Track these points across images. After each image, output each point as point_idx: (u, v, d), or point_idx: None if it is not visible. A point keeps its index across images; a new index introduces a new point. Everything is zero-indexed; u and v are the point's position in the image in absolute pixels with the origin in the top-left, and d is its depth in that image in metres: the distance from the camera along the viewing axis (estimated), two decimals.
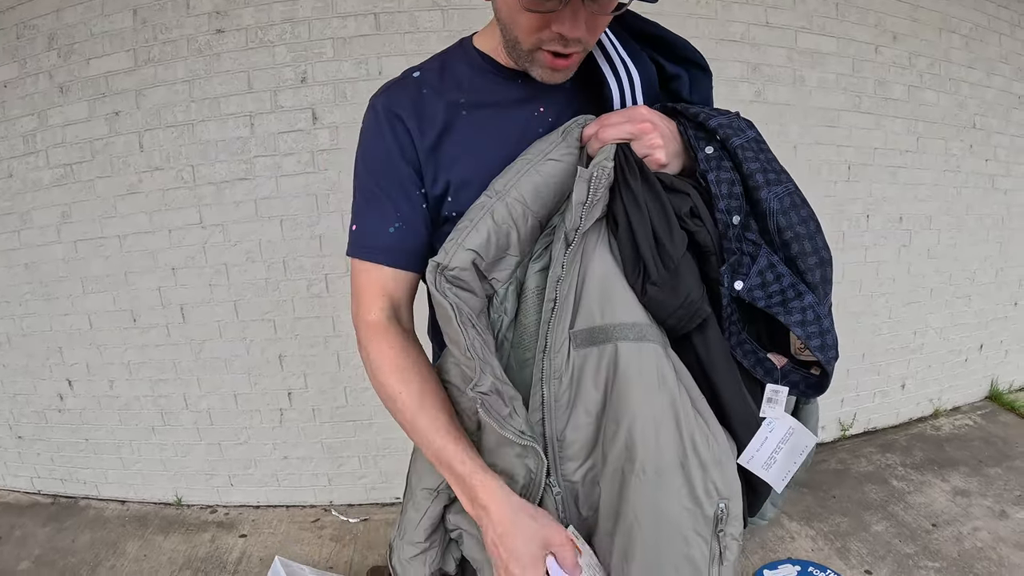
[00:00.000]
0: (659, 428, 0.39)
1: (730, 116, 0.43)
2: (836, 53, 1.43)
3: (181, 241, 1.34)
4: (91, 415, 1.51)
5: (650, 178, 0.41)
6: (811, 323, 0.40)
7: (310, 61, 1.24)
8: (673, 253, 0.40)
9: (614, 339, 0.40)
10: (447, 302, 0.39)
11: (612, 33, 0.45)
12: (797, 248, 0.40)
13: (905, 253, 1.62)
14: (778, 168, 0.42)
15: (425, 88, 0.47)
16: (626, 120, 0.42)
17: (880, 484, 1.50)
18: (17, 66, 1.37)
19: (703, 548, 0.41)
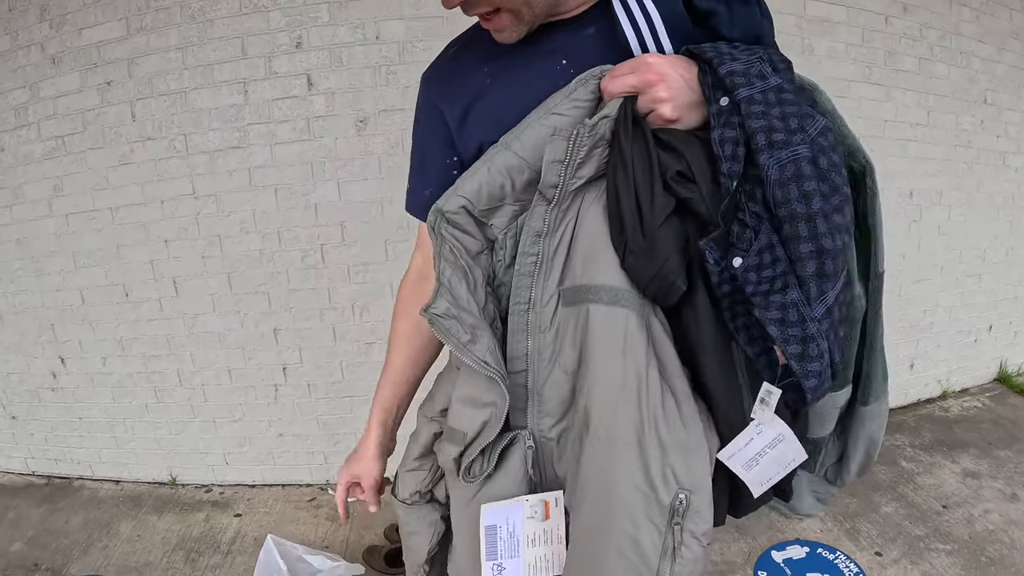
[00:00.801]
0: (618, 397, 0.38)
1: (752, 59, 0.37)
2: (846, 22, 1.38)
3: (174, 212, 1.30)
4: (84, 393, 1.48)
5: (645, 140, 0.37)
6: (792, 325, 0.34)
7: (305, 26, 1.20)
8: (650, 220, 0.37)
9: (588, 300, 0.39)
10: (435, 235, 0.41)
11: None
12: (789, 230, 0.34)
13: (916, 229, 1.57)
14: (795, 126, 0.35)
15: (459, 64, 0.50)
16: (631, 71, 0.38)
17: (889, 465, 1.46)
18: (9, 39, 1.33)
19: (654, 537, 0.38)
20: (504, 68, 0.46)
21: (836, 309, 0.36)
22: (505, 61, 0.46)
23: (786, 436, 0.39)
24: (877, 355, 0.46)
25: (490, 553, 0.41)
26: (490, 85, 0.45)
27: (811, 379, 0.35)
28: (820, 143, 0.35)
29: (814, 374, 0.35)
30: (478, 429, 0.42)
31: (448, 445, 0.45)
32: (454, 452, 0.44)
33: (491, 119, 0.44)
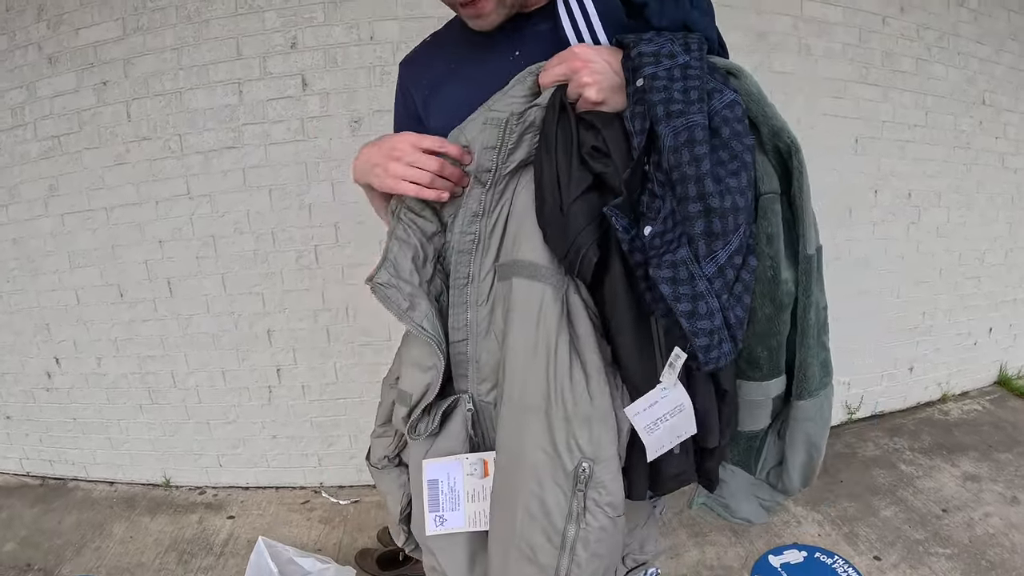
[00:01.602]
0: (527, 365, 0.41)
1: (665, 41, 0.39)
2: (843, 23, 1.37)
3: (168, 213, 1.29)
4: (79, 393, 1.47)
5: (568, 118, 0.40)
6: (683, 283, 0.35)
7: (300, 26, 1.20)
8: (565, 196, 0.39)
9: (512, 275, 0.42)
10: (394, 220, 0.44)
11: None
12: (680, 191, 0.35)
13: (914, 230, 1.56)
14: (694, 98, 0.36)
15: (428, 51, 0.54)
16: (560, 62, 0.41)
17: (888, 468, 1.44)
18: (6, 38, 1.33)
19: (559, 498, 0.40)
20: (465, 61, 0.49)
21: (729, 270, 0.36)
22: (466, 54, 0.50)
23: (686, 407, 0.40)
24: (811, 344, 0.45)
25: (432, 505, 0.44)
26: (451, 77, 0.49)
27: (701, 337, 0.35)
28: (724, 114, 0.36)
29: (704, 332, 0.35)
30: (422, 391, 0.46)
31: (399, 406, 0.49)
32: (403, 412, 0.47)
33: (449, 109, 0.47)
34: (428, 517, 0.45)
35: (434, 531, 0.45)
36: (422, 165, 0.44)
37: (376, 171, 0.46)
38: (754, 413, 0.47)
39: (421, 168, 0.44)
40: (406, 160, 0.44)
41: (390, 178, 0.45)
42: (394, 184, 0.44)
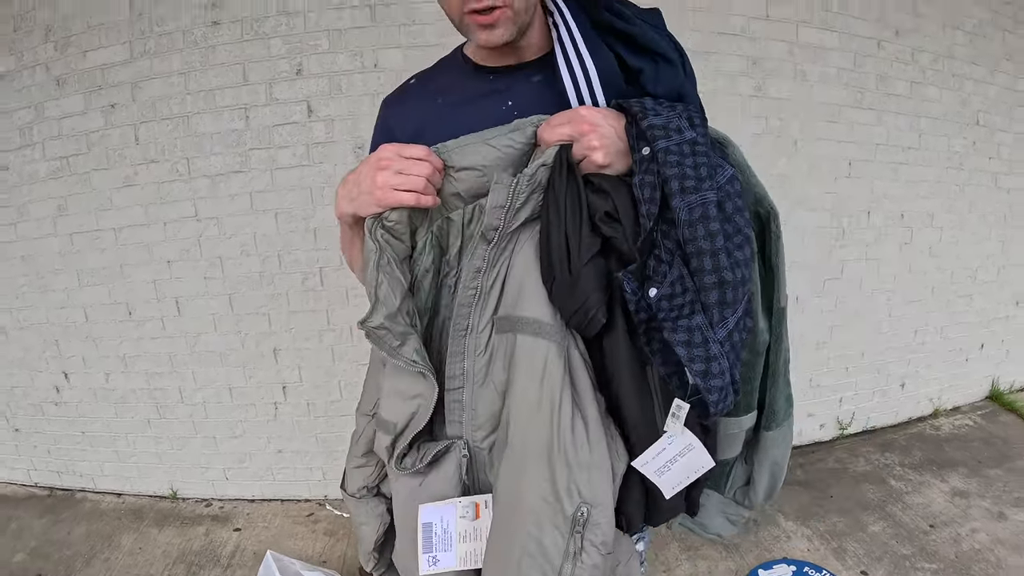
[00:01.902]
0: (531, 418, 0.43)
1: (672, 115, 0.42)
2: (838, 48, 1.41)
3: (176, 234, 1.34)
4: (87, 408, 1.52)
5: (576, 181, 0.42)
6: (697, 346, 0.39)
7: (305, 53, 1.24)
8: (577, 258, 0.41)
9: (515, 330, 0.44)
10: (375, 245, 0.44)
11: (575, 26, 0.46)
12: (696, 264, 0.39)
13: (907, 250, 1.61)
14: (704, 175, 0.40)
15: (416, 92, 0.54)
16: (567, 121, 0.43)
17: (878, 484, 1.50)
18: (14, 59, 1.37)
19: (557, 540, 0.43)
20: (457, 102, 0.50)
21: (736, 334, 0.40)
22: (458, 96, 0.51)
23: (695, 446, 0.44)
24: (780, 383, 0.51)
25: (426, 547, 0.47)
26: (441, 115, 0.50)
27: (713, 393, 0.39)
28: (727, 189, 0.41)
29: (716, 389, 0.39)
30: (407, 419, 0.47)
31: (381, 434, 0.50)
32: (386, 441, 0.49)
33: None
34: (422, 558, 0.47)
35: (427, 571, 0.47)
36: (413, 171, 0.43)
37: (364, 189, 0.44)
38: (731, 444, 0.53)
39: (413, 175, 0.43)
40: (395, 168, 0.43)
41: (380, 190, 0.43)
42: (385, 196, 0.43)
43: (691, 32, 1.29)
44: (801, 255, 1.48)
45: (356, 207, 0.46)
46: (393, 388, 0.49)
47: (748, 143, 1.37)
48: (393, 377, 0.49)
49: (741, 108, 1.35)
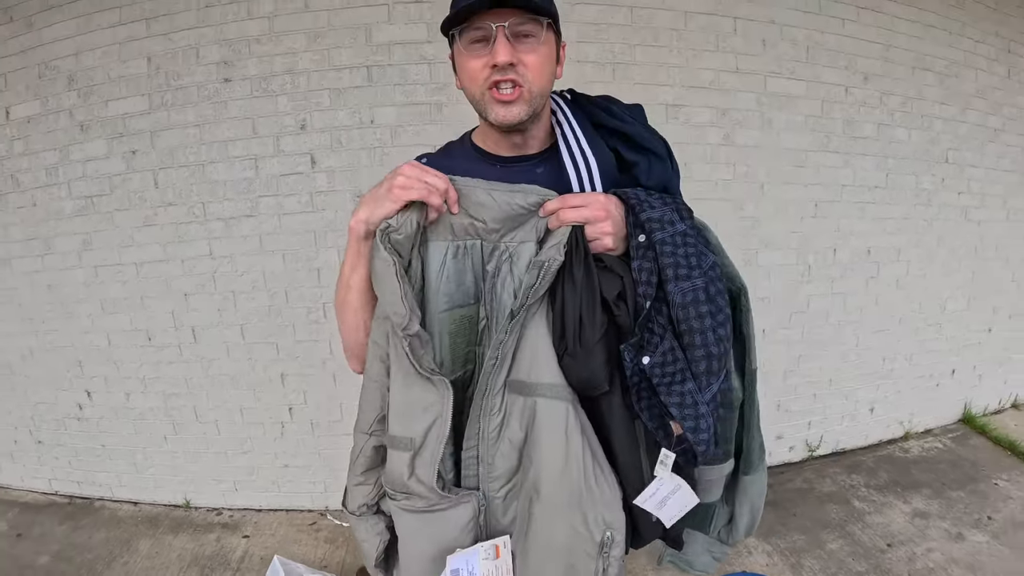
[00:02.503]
0: (562, 474, 0.52)
1: (665, 208, 0.51)
2: (805, 96, 1.58)
3: (193, 270, 1.55)
4: (108, 424, 1.75)
5: (590, 266, 0.50)
6: (688, 407, 0.49)
7: (309, 110, 1.44)
8: (589, 337, 0.49)
9: (535, 395, 0.52)
10: (389, 255, 0.49)
11: (578, 127, 0.57)
12: (688, 340, 0.49)
13: (873, 284, 1.78)
14: (694, 263, 0.49)
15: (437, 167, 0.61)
16: (584, 205, 0.51)
17: (841, 504, 1.66)
18: (39, 103, 1.58)
19: (588, 564, 0.54)
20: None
21: (719, 395, 0.51)
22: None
23: (682, 486, 0.54)
24: (754, 433, 0.62)
25: None
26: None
27: (701, 445, 0.50)
28: (710, 275, 0.51)
29: (703, 441, 0.49)
30: (424, 433, 0.52)
31: (398, 452, 0.54)
32: (404, 459, 0.53)
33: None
34: None
35: None
36: (431, 182, 0.50)
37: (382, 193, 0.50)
38: (712, 489, 0.62)
39: (429, 182, 0.49)
40: (413, 175, 0.50)
41: (398, 189, 0.49)
42: (400, 193, 0.49)
43: (663, 87, 1.48)
44: (768, 290, 1.66)
45: (372, 207, 0.51)
46: (405, 402, 0.52)
47: (717, 188, 1.56)
48: (404, 391, 0.52)
49: (711, 156, 1.53)
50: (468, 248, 0.55)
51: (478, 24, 0.51)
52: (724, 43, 1.50)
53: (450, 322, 0.55)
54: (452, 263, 0.54)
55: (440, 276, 0.54)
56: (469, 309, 0.56)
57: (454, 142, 0.65)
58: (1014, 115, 1.89)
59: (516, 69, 0.51)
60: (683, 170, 0.59)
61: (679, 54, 1.48)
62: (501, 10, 0.50)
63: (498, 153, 0.60)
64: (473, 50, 0.53)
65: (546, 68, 0.54)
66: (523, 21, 0.51)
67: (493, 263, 0.55)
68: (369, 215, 0.52)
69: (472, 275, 0.56)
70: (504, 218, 0.53)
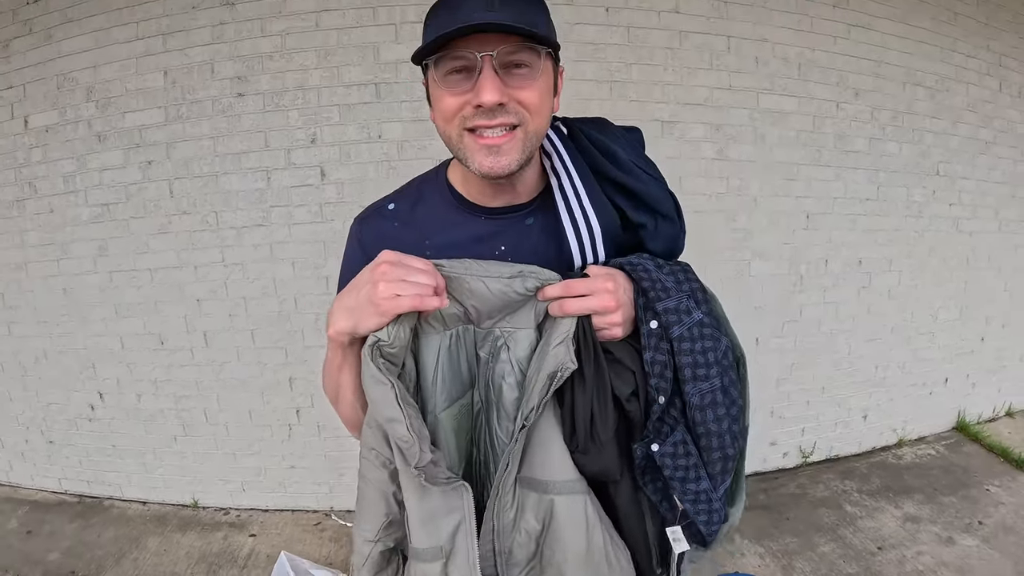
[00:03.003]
0: (585, 559, 0.50)
1: (681, 294, 0.47)
2: (797, 111, 1.69)
3: (205, 276, 1.66)
4: (119, 424, 1.86)
5: (601, 363, 0.47)
6: (702, 503, 0.48)
7: (319, 124, 1.56)
8: (602, 435, 0.47)
9: (551, 492, 0.49)
10: (385, 379, 0.43)
11: (578, 177, 0.50)
12: (705, 442, 0.47)
13: (865, 294, 1.88)
14: (712, 359, 0.46)
15: (396, 222, 0.54)
16: (589, 292, 0.45)
17: (834, 508, 1.75)
18: (57, 113, 1.70)
19: None
20: (444, 244, 0.51)
21: (729, 485, 0.50)
22: (442, 240, 0.52)
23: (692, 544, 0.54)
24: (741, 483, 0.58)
25: None
26: (428, 258, 0.49)
27: (712, 532, 0.50)
28: (724, 364, 0.48)
29: (715, 532, 0.51)
30: (451, 535, 0.49)
31: (425, 565, 0.50)
32: (436, 568, 0.49)
33: None
34: None
35: None
36: (417, 279, 0.43)
37: (363, 299, 0.43)
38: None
39: (418, 282, 0.43)
40: (396, 276, 0.43)
41: (384, 299, 0.42)
42: (389, 304, 0.42)
43: (659, 104, 1.59)
44: (760, 300, 1.76)
45: (356, 320, 0.44)
46: (426, 512, 0.49)
47: (711, 201, 1.66)
48: (422, 503, 0.49)
49: (705, 170, 1.64)
50: (461, 334, 0.51)
51: (458, 52, 0.43)
52: (718, 61, 1.61)
53: (451, 419, 0.51)
54: (447, 356, 0.50)
55: (436, 373, 0.50)
56: (466, 397, 0.53)
57: (427, 179, 0.57)
58: (1005, 128, 1.99)
59: (507, 107, 0.44)
60: (678, 184, 0.61)
61: (674, 72, 1.59)
62: (486, 35, 0.42)
63: (482, 203, 0.53)
64: (451, 83, 0.44)
65: (544, 105, 0.46)
66: (516, 49, 0.43)
67: (487, 348, 0.51)
68: (353, 329, 0.45)
69: (467, 361, 0.52)
70: (500, 306, 0.49)
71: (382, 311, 0.44)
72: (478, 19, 0.41)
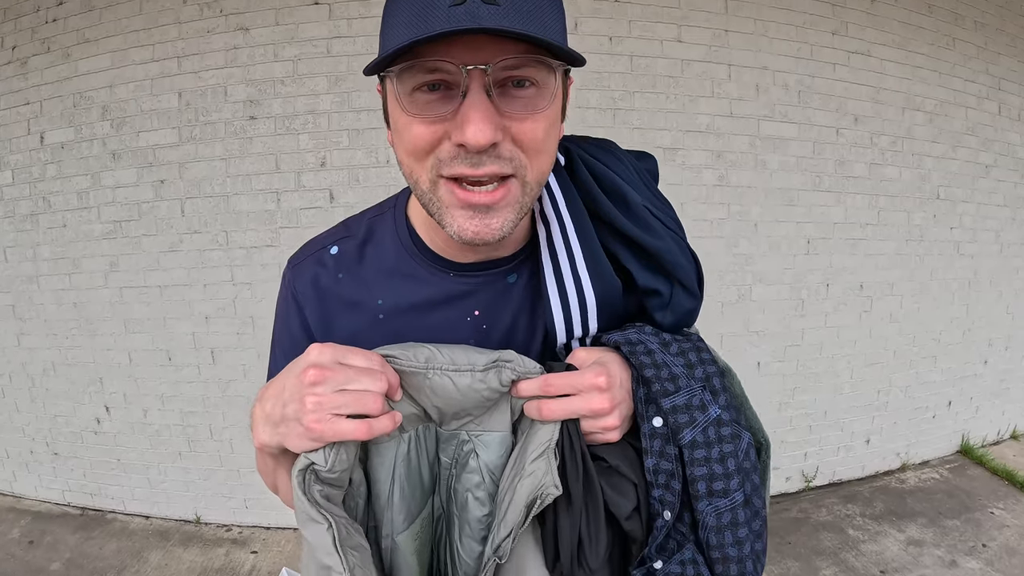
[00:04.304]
0: None
1: (693, 384, 0.37)
2: (797, 138, 1.73)
3: (215, 295, 1.71)
4: (124, 438, 1.89)
5: (591, 477, 0.37)
6: None
7: (329, 148, 1.61)
8: (592, 562, 0.38)
9: None
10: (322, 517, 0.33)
11: (574, 233, 0.39)
12: (722, 569, 0.37)
13: (866, 318, 1.90)
14: (732, 467, 0.37)
15: (342, 272, 0.43)
16: (574, 391, 0.36)
17: (836, 532, 1.75)
18: (73, 131, 1.76)
19: None
20: (403, 306, 0.41)
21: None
22: (406, 293, 0.41)
23: None
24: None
25: None
26: (374, 326, 0.40)
27: None
28: (745, 468, 0.38)
29: None
30: None
31: None
32: None
33: None
34: None
35: None
36: (361, 385, 0.32)
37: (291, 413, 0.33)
38: None
39: (361, 390, 0.32)
40: (333, 384, 0.32)
41: (315, 417, 0.32)
42: (323, 426, 0.32)
43: (661, 131, 1.63)
44: (762, 324, 1.79)
45: (282, 438, 0.34)
46: None
47: (712, 227, 1.70)
48: None
49: (706, 196, 1.67)
50: (421, 435, 0.41)
51: (434, 61, 0.30)
52: (719, 89, 1.66)
53: (411, 541, 0.42)
54: (404, 467, 0.40)
55: (392, 489, 0.40)
56: (426, 508, 0.43)
57: (382, 215, 0.45)
58: (1004, 151, 2.02)
59: (499, 149, 0.32)
60: (680, 211, 0.45)
61: (676, 100, 1.63)
62: (477, 38, 0.30)
63: (451, 256, 0.41)
64: (420, 104, 0.32)
65: (550, 142, 0.35)
66: (519, 62, 0.31)
67: (450, 452, 0.42)
68: (279, 446, 0.35)
69: (427, 466, 0.42)
70: (470, 406, 0.39)
71: (314, 436, 0.33)
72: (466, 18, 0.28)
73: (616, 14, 1.57)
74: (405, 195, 0.45)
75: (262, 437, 0.37)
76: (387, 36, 0.33)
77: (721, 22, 1.63)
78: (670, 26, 1.60)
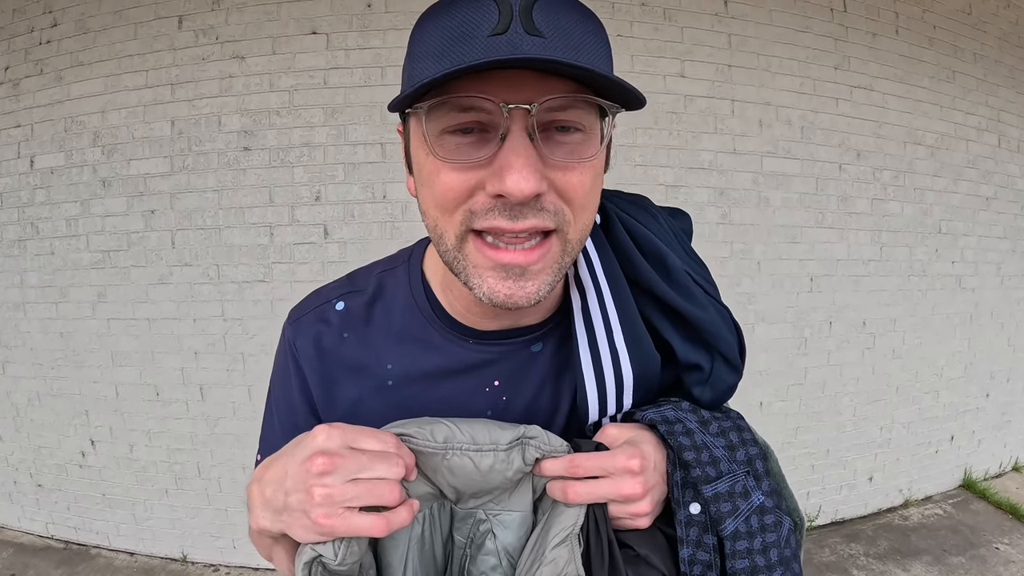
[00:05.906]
0: None
1: (736, 469, 0.34)
2: (800, 174, 1.69)
3: (204, 330, 1.64)
4: (110, 473, 1.81)
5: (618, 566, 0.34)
6: None
7: (324, 183, 1.55)
8: None
9: None
10: None
11: (612, 301, 0.35)
12: None
13: (869, 355, 1.85)
14: (774, 559, 0.33)
15: (347, 331, 0.39)
16: (604, 473, 0.33)
17: (840, 573, 1.71)
18: (64, 156, 1.70)
19: None
20: (414, 373, 0.37)
21: None
22: (418, 360, 0.37)
23: None
24: None
25: None
26: (381, 394, 0.37)
27: None
28: (786, 555, 0.35)
29: None
30: None
31: None
32: None
33: None
34: None
35: None
36: (376, 473, 0.29)
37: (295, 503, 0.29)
38: None
39: (375, 478, 0.29)
40: (344, 472, 0.29)
41: (324, 512, 0.28)
42: (333, 522, 0.28)
43: (663, 168, 1.59)
44: (765, 364, 1.74)
45: (284, 527, 0.31)
46: None
47: (715, 266, 1.64)
48: None
49: (709, 234, 1.63)
50: (435, 514, 0.37)
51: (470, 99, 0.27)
52: (722, 125, 1.62)
53: None
54: (417, 549, 0.37)
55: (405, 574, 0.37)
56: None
57: (394, 269, 0.41)
58: (1005, 183, 1.99)
59: (542, 201, 0.29)
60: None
61: (678, 136, 1.59)
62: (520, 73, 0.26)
63: (471, 323, 0.38)
64: (450, 148, 0.29)
65: (594, 196, 0.31)
66: (567, 103, 0.28)
67: (465, 531, 0.38)
68: (280, 533, 0.31)
69: (441, 545, 0.39)
70: (491, 487, 0.36)
71: (323, 531, 0.29)
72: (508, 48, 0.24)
73: (618, 49, 1.52)
74: (420, 249, 0.41)
75: (262, 523, 0.32)
76: (414, 68, 0.29)
77: (724, 57, 1.59)
78: (673, 61, 1.56)
